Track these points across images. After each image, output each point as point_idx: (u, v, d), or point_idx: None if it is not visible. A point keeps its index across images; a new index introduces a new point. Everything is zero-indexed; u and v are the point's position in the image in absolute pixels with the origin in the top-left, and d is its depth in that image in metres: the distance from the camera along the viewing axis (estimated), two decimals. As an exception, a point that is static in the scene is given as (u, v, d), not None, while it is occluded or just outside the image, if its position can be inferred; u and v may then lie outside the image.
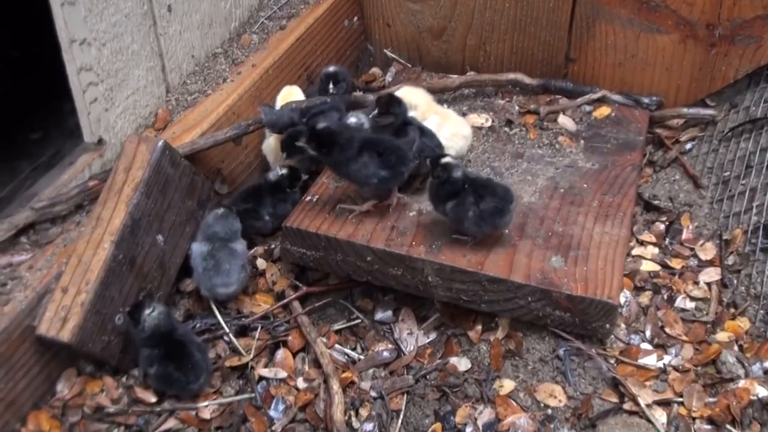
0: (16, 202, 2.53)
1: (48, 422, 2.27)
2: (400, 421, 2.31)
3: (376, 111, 2.68)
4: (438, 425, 2.27)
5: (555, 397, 2.31)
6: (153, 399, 2.35)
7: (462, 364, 2.44)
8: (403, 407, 2.34)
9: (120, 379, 2.40)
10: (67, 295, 2.24)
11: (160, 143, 2.43)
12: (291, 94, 2.95)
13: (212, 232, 2.58)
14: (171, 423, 2.30)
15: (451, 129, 2.78)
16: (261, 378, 2.43)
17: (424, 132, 2.67)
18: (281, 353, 2.49)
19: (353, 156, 2.46)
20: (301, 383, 2.42)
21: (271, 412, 2.34)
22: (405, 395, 2.37)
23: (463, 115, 3.09)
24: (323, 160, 2.57)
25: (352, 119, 2.73)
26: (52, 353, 2.31)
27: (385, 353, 2.50)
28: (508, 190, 2.44)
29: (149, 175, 2.40)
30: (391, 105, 2.67)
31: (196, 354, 2.33)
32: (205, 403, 2.35)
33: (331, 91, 3.05)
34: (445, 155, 2.50)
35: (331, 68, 3.14)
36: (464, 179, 2.42)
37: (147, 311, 2.29)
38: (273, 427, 2.30)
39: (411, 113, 2.74)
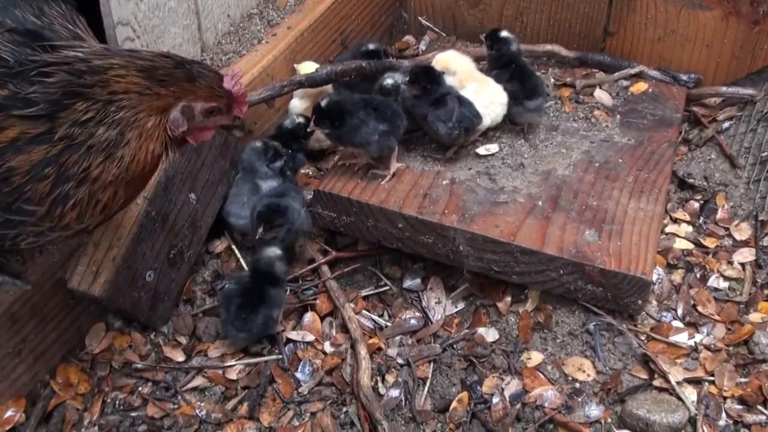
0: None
1: (76, 375, 2.29)
2: (426, 389, 2.30)
3: (407, 79, 2.66)
4: (465, 394, 2.26)
5: (584, 371, 2.30)
6: (181, 357, 2.36)
7: (490, 334, 2.43)
8: (430, 375, 2.33)
9: (148, 335, 2.41)
10: (99, 249, 2.24)
11: (196, 101, 2.42)
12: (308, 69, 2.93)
13: (244, 162, 2.64)
14: (198, 381, 2.31)
15: (489, 96, 2.74)
16: (288, 340, 2.42)
17: (462, 102, 2.64)
18: (309, 317, 2.49)
19: (357, 118, 2.50)
20: (328, 347, 2.42)
21: (298, 374, 2.34)
22: (432, 363, 2.37)
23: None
24: (335, 136, 2.57)
25: (388, 80, 2.71)
26: (82, 307, 2.32)
27: (413, 321, 2.49)
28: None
29: (184, 133, 2.39)
30: (421, 78, 2.64)
31: None
32: (232, 362, 2.35)
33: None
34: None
35: (371, 46, 3.10)
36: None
37: None
38: (299, 389, 2.30)
39: (449, 79, 2.72)
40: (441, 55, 2.82)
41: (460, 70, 2.76)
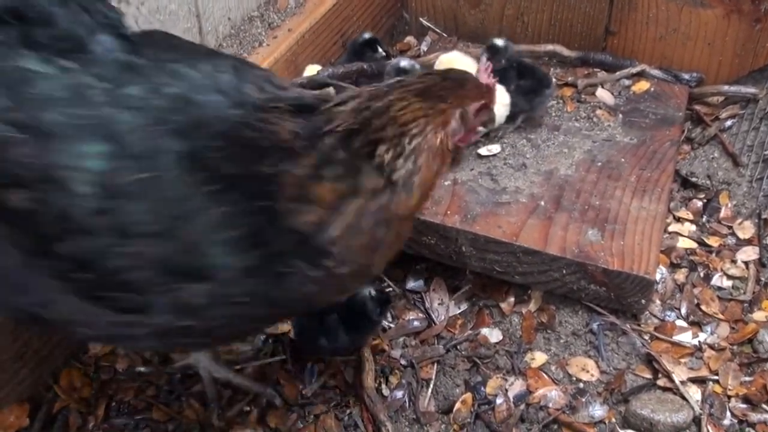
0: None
1: (80, 379, 2.29)
2: (430, 390, 2.30)
3: None
4: (468, 395, 2.26)
5: (587, 371, 2.30)
6: (188, 360, 2.36)
7: (493, 335, 2.43)
8: (434, 376, 2.33)
9: (152, 339, 2.41)
10: (102, 253, 2.24)
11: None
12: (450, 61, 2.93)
13: None
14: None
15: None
16: (293, 341, 2.42)
17: None
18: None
19: None
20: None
21: (302, 378, 2.33)
22: (435, 364, 2.36)
23: (500, 86, 3.06)
24: None
25: (403, 62, 2.72)
26: (85, 310, 2.31)
27: (416, 322, 2.49)
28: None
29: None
30: None
31: None
32: (237, 367, 2.35)
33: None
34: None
35: (366, 35, 3.12)
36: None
37: None
38: (303, 392, 2.30)
39: None
40: (444, 56, 2.83)
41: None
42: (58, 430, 2.17)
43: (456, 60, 2.82)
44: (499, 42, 2.84)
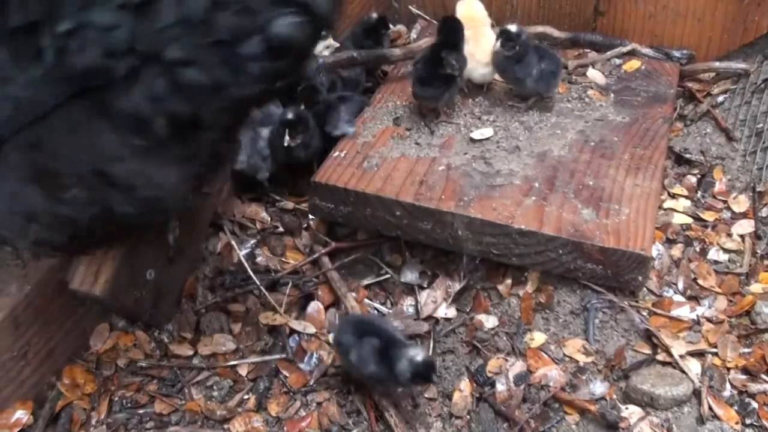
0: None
1: (82, 376, 2.30)
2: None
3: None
4: (470, 378, 2.27)
5: (587, 350, 2.31)
6: (186, 352, 2.37)
7: (489, 321, 2.43)
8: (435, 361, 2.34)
9: (152, 333, 2.42)
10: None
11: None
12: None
13: None
14: (204, 375, 2.32)
15: (470, 48, 2.85)
16: (292, 332, 2.43)
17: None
18: (312, 308, 2.49)
19: None
20: (332, 338, 2.42)
21: (303, 365, 2.35)
22: (435, 349, 2.37)
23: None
24: None
25: (290, 114, 2.71)
26: (85, 308, 2.33)
27: (412, 309, 2.50)
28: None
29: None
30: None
31: None
32: (236, 362, 2.36)
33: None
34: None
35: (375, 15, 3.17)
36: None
37: None
38: (305, 380, 2.31)
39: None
40: (462, 3, 2.97)
41: (463, 14, 2.90)
42: (62, 427, 2.18)
43: (473, 6, 2.95)
44: (513, 27, 2.80)
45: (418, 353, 2.10)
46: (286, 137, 2.63)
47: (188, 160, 1.77)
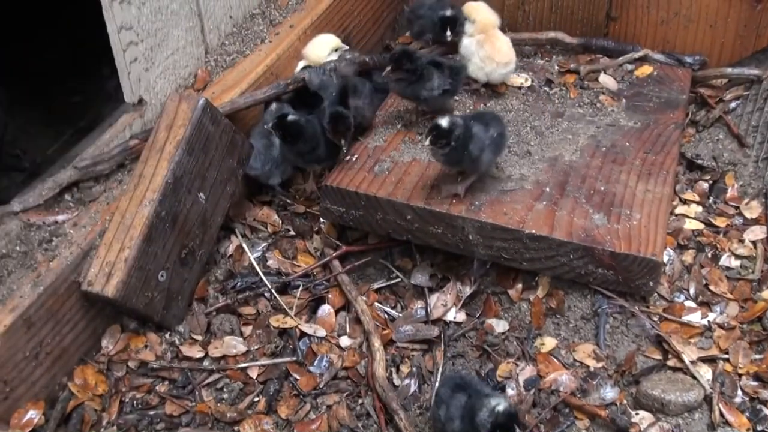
0: (58, 163, 2.56)
1: (94, 377, 2.31)
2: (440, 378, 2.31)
3: (389, 68, 2.69)
4: (479, 382, 2.27)
5: (597, 355, 2.30)
6: (198, 354, 2.38)
7: (500, 326, 2.43)
8: (441, 365, 2.34)
9: (163, 335, 2.43)
10: (111, 251, 2.27)
11: (201, 101, 2.43)
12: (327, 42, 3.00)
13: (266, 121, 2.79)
14: (215, 377, 2.33)
15: (488, 52, 2.91)
16: (302, 335, 2.44)
17: (454, 70, 2.77)
18: (323, 311, 2.50)
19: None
20: (342, 341, 2.43)
21: (314, 368, 2.35)
22: (445, 353, 2.37)
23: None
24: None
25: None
26: (97, 309, 2.34)
27: (422, 312, 2.50)
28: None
29: (191, 133, 2.40)
30: (403, 61, 2.67)
31: None
32: (246, 364, 2.37)
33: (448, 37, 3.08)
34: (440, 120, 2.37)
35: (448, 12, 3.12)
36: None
37: None
38: (316, 383, 2.31)
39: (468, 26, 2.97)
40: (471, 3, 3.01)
41: (480, 20, 2.96)
42: (73, 428, 2.19)
43: (480, 8, 3.01)
44: (444, 122, 2.37)
45: (500, 403, 1.94)
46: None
47: None
